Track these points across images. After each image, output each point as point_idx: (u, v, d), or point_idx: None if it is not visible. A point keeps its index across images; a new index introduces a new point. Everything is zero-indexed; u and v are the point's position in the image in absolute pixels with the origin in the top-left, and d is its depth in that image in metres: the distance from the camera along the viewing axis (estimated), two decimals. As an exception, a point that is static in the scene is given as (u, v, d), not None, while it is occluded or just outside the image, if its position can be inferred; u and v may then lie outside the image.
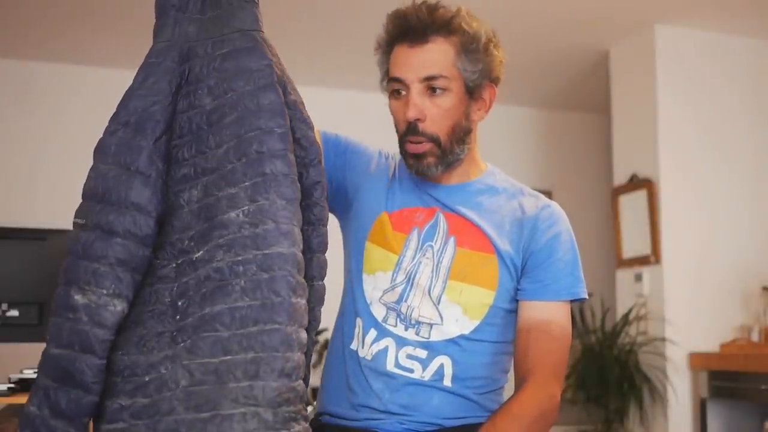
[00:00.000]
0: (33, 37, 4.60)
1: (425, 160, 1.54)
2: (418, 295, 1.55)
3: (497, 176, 1.66)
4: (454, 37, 1.51)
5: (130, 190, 1.21)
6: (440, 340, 1.54)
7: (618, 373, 4.34)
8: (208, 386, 1.15)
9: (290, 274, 1.17)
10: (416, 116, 1.50)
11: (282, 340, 1.14)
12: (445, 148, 1.53)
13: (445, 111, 1.51)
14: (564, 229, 1.59)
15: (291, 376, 1.14)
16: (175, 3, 1.31)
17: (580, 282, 1.58)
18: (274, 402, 1.12)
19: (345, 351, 1.60)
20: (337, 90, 5.38)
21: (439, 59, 1.50)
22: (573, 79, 5.38)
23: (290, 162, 1.22)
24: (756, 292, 4.39)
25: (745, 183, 4.57)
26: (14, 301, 2.56)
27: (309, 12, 4.32)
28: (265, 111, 1.22)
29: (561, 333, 1.54)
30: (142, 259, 1.22)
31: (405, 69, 1.51)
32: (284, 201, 1.19)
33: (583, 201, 5.79)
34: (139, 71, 1.28)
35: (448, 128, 1.53)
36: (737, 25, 4.50)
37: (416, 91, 1.51)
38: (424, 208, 1.60)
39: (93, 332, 1.18)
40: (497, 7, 4.14)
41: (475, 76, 1.53)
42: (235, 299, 1.16)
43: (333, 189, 1.66)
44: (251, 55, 1.26)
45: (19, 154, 4.94)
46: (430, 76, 1.50)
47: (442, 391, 1.54)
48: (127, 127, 1.24)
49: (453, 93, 1.52)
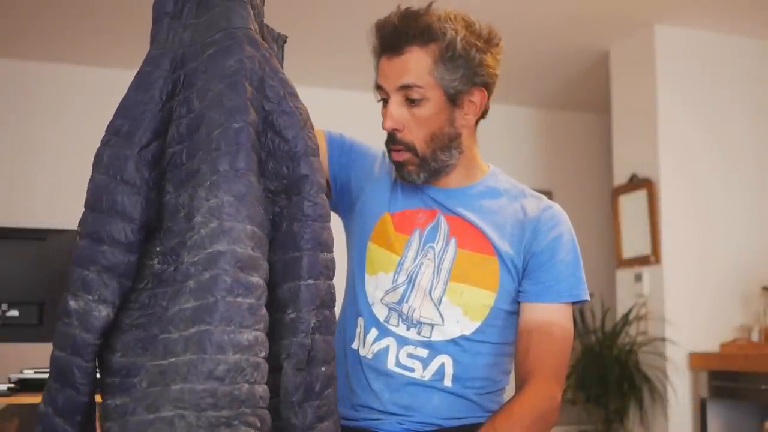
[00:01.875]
0: (33, 37, 4.60)
1: (406, 168, 1.56)
2: (419, 296, 1.55)
3: (499, 177, 1.66)
4: (432, 45, 1.50)
5: (116, 199, 1.23)
6: (441, 340, 1.54)
7: (618, 373, 4.34)
8: (158, 388, 1.15)
9: (226, 273, 1.14)
10: (392, 126, 1.52)
11: (211, 342, 1.11)
12: (424, 156, 1.54)
13: (422, 120, 1.52)
14: (566, 231, 1.59)
15: (223, 380, 1.10)
16: (169, 10, 1.31)
17: (581, 284, 1.58)
18: (197, 405, 1.10)
19: (346, 350, 1.61)
20: (339, 90, 5.38)
21: (413, 69, 1.50)
22: (573, 79, 5.38)
23: (247, 157, 1.20)
24: (756, 292, 4.39)
25: (746, 183, 4.57)
26: (14, 301, 2.57)
27: (309, 12, 4.32)
28: (225, 108, 1.22)
29: (562, 334, 1.54)
30: (128, 266, 1.24)
31: (384, 79, 1.54)
32: (232, 198, 1.17)
33: (583, 201, 5.79)
34: (133, 79, 1.30)
35: (425, 136, 1.53)
36: (737, 25, 4.50)
37: (394, 102, 1.53)
38: (425, 210, 1.60)
39: (81, 336, 1.22)
40: (497, 7, 4.14)
41: (455, 83, 1.51)
42: (185, 300, 1.16)
43: (338, 188, 1.67)
44: (227, 54, 1.26)
45: (19, 154, 4.94)
46: (404, 85, 1.51)
47: (441, 392, 1.54)
48: (118, 136, 1.26)
49: (431, 102, 1.51)
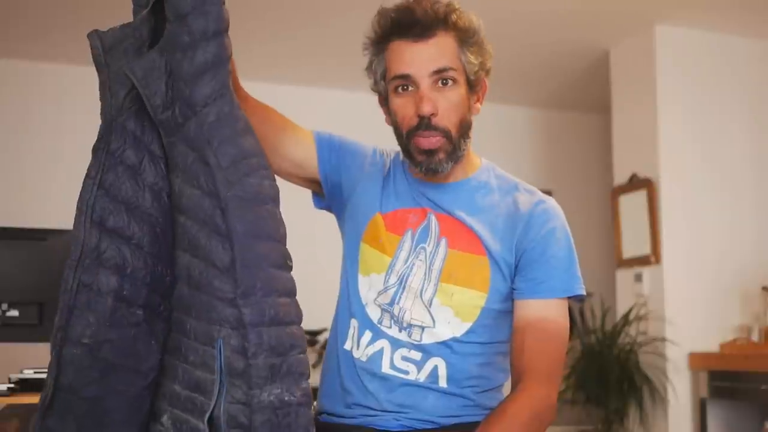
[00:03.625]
0: (33, 37, 4.60)
1: (437, 156, 1.51)
2: (409, 298, 1.54)
3: (492, 172, 1.64)
4: (453, 31, 1.51)
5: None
6: (432, 343, 1.53)
7: (618, 373, 4.33)
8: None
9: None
10: (432, 111, 1.48)
11: None
12: (455, 142, 1.52)
13: (454, 104, 1.51)
14: (559, 226, 1.57)
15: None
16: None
17: (576, 279, 1.55)
18: None
19: (339, 351, 1.60)
20: (329, 90, 5.38)
21: (447, 52, 1.50)
22: (573, 79, 5.38)
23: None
24: (756, 292, 4.38)
25: (746, 183, 4.57)
26: (14, 301, 2.57)
27: (299, 10, 4.32)
28: None
29: (556, 331, 1.52)
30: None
31: (412, 65, 1.49)
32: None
33: (583, 201, 5.78)
34: None
35: (457, 122, 1.51)
36: (737, 25, 4.50)
37: (427, 86, 1.49)
38: (417, 209, 1.59)
39: None
40: (497, 6, 4.14)
41: (476, 69, 1.53)
42: None
43: (329, 188, 1.65)
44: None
45: (19, 154, 4.94)
46: (441, 68, 1.49)
47: (437, 392, 1.53)
48: None
49: (460, 86, 1.51)
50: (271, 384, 1.18)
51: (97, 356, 1.22)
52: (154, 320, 1.28)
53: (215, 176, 1.21)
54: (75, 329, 1.22)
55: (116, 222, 1.25)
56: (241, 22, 4.35)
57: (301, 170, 1.63)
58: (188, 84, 1.24)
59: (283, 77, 5.16)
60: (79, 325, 1.22)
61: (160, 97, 1.26)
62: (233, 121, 1.25)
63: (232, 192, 1.20)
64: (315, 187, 1.69)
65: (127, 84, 1.29)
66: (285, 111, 1.65)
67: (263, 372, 1.17)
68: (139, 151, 1.29)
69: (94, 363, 1.23)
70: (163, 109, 1.26)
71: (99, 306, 1.23)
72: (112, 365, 1.24)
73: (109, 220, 1.25)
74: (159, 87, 1.25)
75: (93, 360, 1.22)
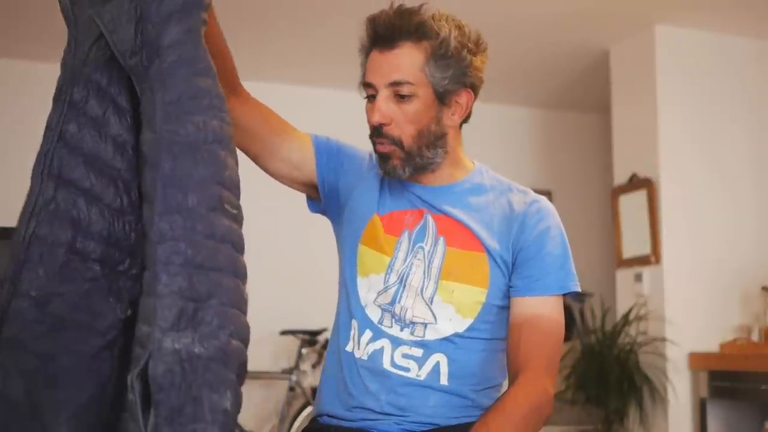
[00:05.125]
0: (33, 37, 4.60)
1: (391, 162, 1.55)
2: (410, 296, 1.56)
3: (485, 174, 1.66)
4: (424, 43, 1.51)
5: None
6: (435, 339, 1.55)
7: (618, 374, 4.34)
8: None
9: None
10: (379, 121, 1.53)
11: None
12: (410, 151, 1.54)
13: (410, 116, 1.53)
14: (553, 224, 1.60)
15: None
16: None
17: (570, 275, 1.58)
18: None
19: (341, 353, 1.61)
20: (329, 90, 5.38)
21: (405, 65, 1.51)
22: (573, 79, 5.38)
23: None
24: (756, 292, 4.39)
25: (746, 183, 4.57)
26: (14, 301, 2.56)
27: (299, 11, 4.32)
28: None
29: (552, 327, 1.54)
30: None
31: (374, 74, 1.54)
32: None
33: (583, 201, 5.78)
34: None
35: (413, 132, 1.53)
36: (737, 25, 4.50)
37: (382, 96, 1.53)
38: (412, 210, 1.61)
39: None
40: (497, 7, 4.14)
41: (445, 82, 1.53)
42: None
43: (326, 192, 1.67)
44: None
45: (19, 154, 4.93)
46: (395, 81, 1.51)
47: (438, 391, 1.54)
48: None
49: (419, 99, 1.52)
50: (178, 331, 1.07)
51: (44, 310, 1.16)
52: (115, 277, 1.20)
53: (157, 112, 1.15)
54: (24, 282, 1.16)
55: (73, 173, 1.20)
56: (242, 23, 4.36)
57: (298, 173, 1.65)
58: (156, 26, 1.19)
59: (284, 77, 5.16)
60: (28, 278, 1.16)
61: (128, 42, 1.21)
62: (195, 62, 1.18)
63: (168, 127, 1.13)
64: (310, 191, 1.71)
65: (93, 33, 1.24)
66: (282, 111, 1.66)
67: (169, 315, 1.07)
68: (104, 102, 1.24)
69: (42, 317, 1.16)
70: (131, 54, 1.21)
71: (50, 259, 1.17)
72: (62, 320, 1.17)
73: (67, 172, 1.20)
74: (128, 32, 1.21)
75: (40, 313, 1.16)
